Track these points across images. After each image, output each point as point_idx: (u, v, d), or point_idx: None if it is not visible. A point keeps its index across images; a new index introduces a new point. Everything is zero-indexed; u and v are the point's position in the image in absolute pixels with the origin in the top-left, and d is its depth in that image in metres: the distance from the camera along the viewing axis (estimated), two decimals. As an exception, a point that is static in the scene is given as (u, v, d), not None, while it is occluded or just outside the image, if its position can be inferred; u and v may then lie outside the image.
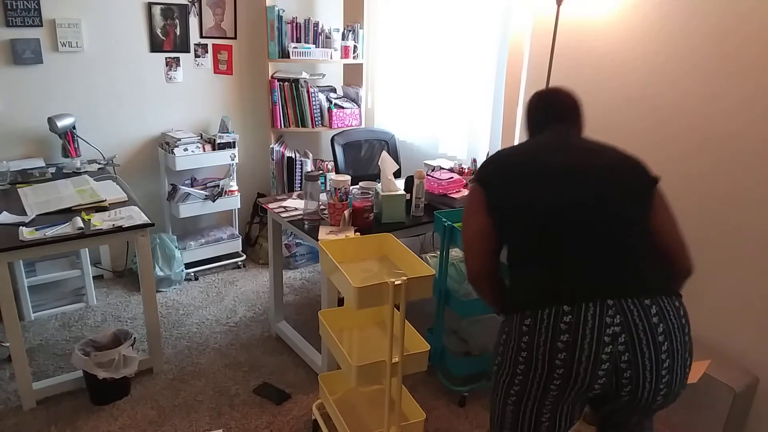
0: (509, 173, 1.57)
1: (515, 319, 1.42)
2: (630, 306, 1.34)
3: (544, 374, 1.37)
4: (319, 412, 2.35)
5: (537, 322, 1.37)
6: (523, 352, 1.39)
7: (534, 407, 1.44)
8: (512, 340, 1.42)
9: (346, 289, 1.87)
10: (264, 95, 3.89)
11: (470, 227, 1.59)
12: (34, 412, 2.43)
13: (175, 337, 3.02)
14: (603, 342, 1.32)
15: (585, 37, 2.70)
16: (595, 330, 1.32)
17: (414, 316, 2.94)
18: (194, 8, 3.57)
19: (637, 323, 1.33)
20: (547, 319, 1.35)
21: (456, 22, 3.33)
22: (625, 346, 1.33)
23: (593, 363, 1.33)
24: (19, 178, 2.92)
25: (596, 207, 1.45)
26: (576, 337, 1.33)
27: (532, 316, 1.38)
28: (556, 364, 1.35)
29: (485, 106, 3.28)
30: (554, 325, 1.34)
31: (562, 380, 1.36)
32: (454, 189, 2.80)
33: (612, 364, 1.34)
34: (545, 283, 1.41)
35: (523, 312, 1.40)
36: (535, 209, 1.47)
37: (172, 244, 3.51)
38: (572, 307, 1.34)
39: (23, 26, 3.05)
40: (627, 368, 1.34)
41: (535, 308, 1.38)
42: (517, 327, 1.41)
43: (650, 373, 1.35)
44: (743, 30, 2.12)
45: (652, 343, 1.34)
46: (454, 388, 2.61)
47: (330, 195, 2.49)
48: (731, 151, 2.21)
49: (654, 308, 1.35)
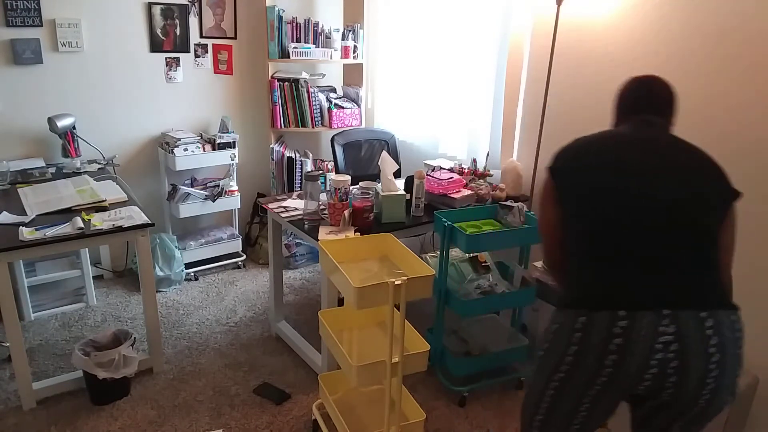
0: (581, 164, 1.52)
1: (570, 315, 1.42)
2: (685, 317, 1.34)
3: (590, 372, 1.39)
4: (319, 412, 2.35)
5: (592, 322, 1.37)
6: (573, 347, 1.40)
7: (574, 397, 1.46)
8: (564, 334, 1.43)
9: (346, 289, 1.87)
10: (264, 95, 3.89)
11: (541, 217, 1.61)
12: (34, 412, 2.43)
13: (175, 337, 3.02)
14: (654, 349, 1.34)
15: (585, 37, 2.70)
16: (648, 337, 1.33)
17: (414, 316, 2.94)
18: (194, 8, 3.57)
19: (690, 335, 1.34)
20: (602, 322, 1.36)
21: (456, 22, 3.33)
22: (675, 354, 1.34)
23: (641, 367, 1.35)
24: (19, 178, 2.92)
25: (671, 211, 1.41)
26: (628, 341, 1.34)
27: (588, 315, 1.38)
28: (605, 365, 1.37)
29: (485, 106, 3.28)
30: (608, 328, 1.35)
31: (607, 379, 1.38)
32: (454, 189, 2.80)
33: (660, 369, 1.35)
34: (603, 285, 1.41)
35: (578, 309, 1.40)
36: (606, 205, 1.44)
37: (172, 244, 3.51)
38: (628, 312, 1.35)
39: (23, 26, 3.05)
40: (673, 374, 1.36)
41: (591, 308, 1.38)
42: (571, 323, 1.41)
43: (696, 380, 1.36)
44: (744, 30, 2.12)
45: (703, 354, 1.34)
46: (454, 388, 2.61)
47: (330, 195, 2.49)
48: (731, 151, 2.21)
49: (710, 321, 1.35)
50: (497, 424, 2.47)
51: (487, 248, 2.55)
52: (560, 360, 1.44)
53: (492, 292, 2.57)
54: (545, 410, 1.53)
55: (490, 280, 2.61)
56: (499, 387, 2.71)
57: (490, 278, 2.63)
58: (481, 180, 3.02)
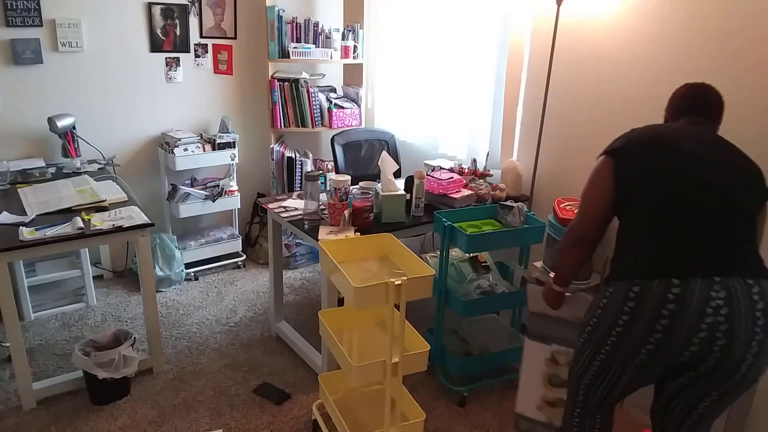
0: (641, 148, 1.63)
1: (622, 286, 1.53)
2: (734, 284, 1.46)
3: (640, 339, 1.50)
4: (319, 412, 2.35)
5: (645, 289, 1.48)
6: (625, 316, 1.51)
7: (618, 367, 1.58)
8: (615, 304, 1.54)
9: (346, 289, 1.87)
10: (264, 95, 3.89)
11: (592, 193, 1.69)
12: (34, 412, 2.43)
13: (175, 337, 3.02)
14: (705, 313, 1.45)
15: (585, 37, 2.70)
16: (701, 302, 1.44)
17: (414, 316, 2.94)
18: (194, 8, 3.57)
19: (739, 298, 1.45)
20: (656, 289, 1.47)
21: (456, 22, 3.33)
22: (724, 318, 1.45)
23: (691, 332, 1.45)
24: (19, 178, 2.92)
25: (721, 194, 1.53)
26: (681, 307, 1.45)
27: (642, 284, 1.49)
28: (656, 329, 1.47)
29: (485, 106, 3.28)
30: (662, 295, 1.46)
31: (656, 345, 1.49)
32: (454, 189, 2.80)
33: (709, 333, 1.46)
34: (657, 256, 1.51)
35: (631, 280, 1.51)
36: (662, 184, 1.56)
37: (172, 244, 3.51)
38: (681, 280, 1.46)
39: (23, 26, 3.05)
40: (722, 337, 1.46)
41: (645, 278, 1.49)
42: (623, 293, 1.52)
43: (743, 342, 1.46)
44: (744, 31, 2.12)
45: (751, 317, 1.46)
46: (454, 388, 2.61)
47: (330, 195, 2.49)
48: (731, 151, 2.21)
49: (756, 288, 1.47)
50: (497, 424, 2.47)
51: (487, 248, 2.55)
52: (608, 333, 1.56)
53: (492, 292, 2.57)
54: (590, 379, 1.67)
55: (490, 280, 2.61)
56: (499, 387, 2.71)
57: (490, 278, 2.63)
58: (481, 180, 3.02)
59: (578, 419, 1.77)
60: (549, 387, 2.25)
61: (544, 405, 2.27)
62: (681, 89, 1.82)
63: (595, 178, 1.69)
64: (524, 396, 2.28)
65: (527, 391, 2.27)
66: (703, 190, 1.54)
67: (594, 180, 1.69)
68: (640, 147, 1.64)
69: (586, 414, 1.75)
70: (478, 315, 2.85)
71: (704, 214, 1.53)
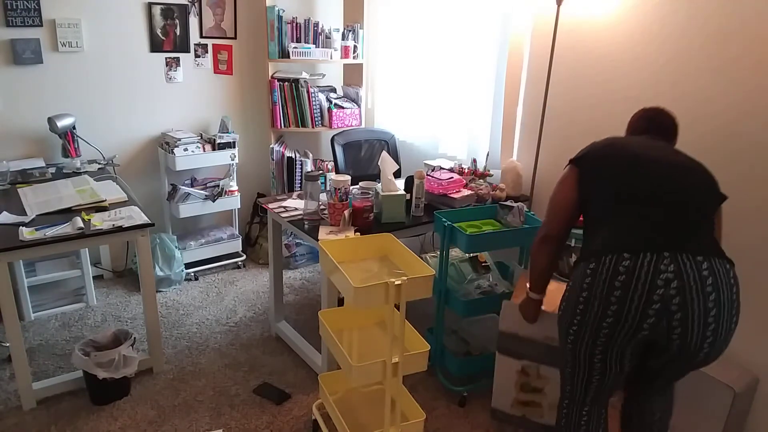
0: (601, 153, 1.80)
1: (581, 267, 1.66)
2: (684, 259, 1.55)
3: (599, 312, 1.60)
4: (319, 412, 2.35)
5: (599, 265, 1.60)
6: (584, 293, 1.63)
7: (587, 347, 1.67)
8: (576, 286, 1.66)
9: (346, 289, 1.87)
10: (264, 95, 3.89)
11: (560, 195, 1.84)
12: (34, 412, 2.43)
13: (175, 337, 3.02)
14: (656, 285, 1.53)
15: (585, 37, 2.70)
16: (649, 273, 1.54)
17: (414, 316, 2.94)
18: (194, 8, 3.57)
19: (688, 273, 1.54)
20: (608, 263, 1.58)
21: (456, 22, 3.33)
22: (676, 291, 1.53)
23: (645, 302, 1.54)
24: (19, 178, 2.92)
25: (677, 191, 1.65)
26: (631, 278, 1.55)
27: (596, 261, 1.61)
28: (611, 301, 1.57)
29: (485, 106, 3.28)
30: (614, 268, 1.57)
31: (614, 317, 1.58)
32: (454, 189, 2.80)
33: (663, 305, 1.54)
34: (612, 238, 1.63)
35: (587, 260, 1.64)
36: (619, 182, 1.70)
37: (172, 244, 3.51)
38: (631, 254, 1.56)
39: (23, 26, 3.05)
40: (677, 311, 1.54)
41: (599, 256, 1.61)
42: (581, 273, 1.65)
43: (698, 317, 1.54)
44: (744, 31, 2.12)
45: (701, 291, 1.54)
46: (454, 388, 2.61)
47: (330, 195, 2.49)
48: (731, 151, 2.21)
49: (705, 264, 1.55)
50: (497, 424, 2.47)
51: (487, 248, 2.55)
52: (573, 312, 1.67)
53: (492, 292, 2.57)
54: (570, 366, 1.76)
55: (490, 280, 2.61)
56: (499, 387, 2.71)
57: (490, 278, 2.63)
58: (481, 180, 3.02)
59: (566, 410, 1.86)
60: (521, 392, 2.35)
61: (516, 404, 2.38)
62: (638, 113, 1.99)
63: (562, 184, 1.85)
64: (498, 396, 2.39)
65: (501, 392, 2.38)
66: (660, 187, 1.65)
67: (560, 185, 1.85)
68: (600, 153, 1.80)
69: (573, 407, 1.84)
70: (478, 315, 2.85)
71: (661, 207, 1.64)
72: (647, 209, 1.64)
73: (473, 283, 2.58)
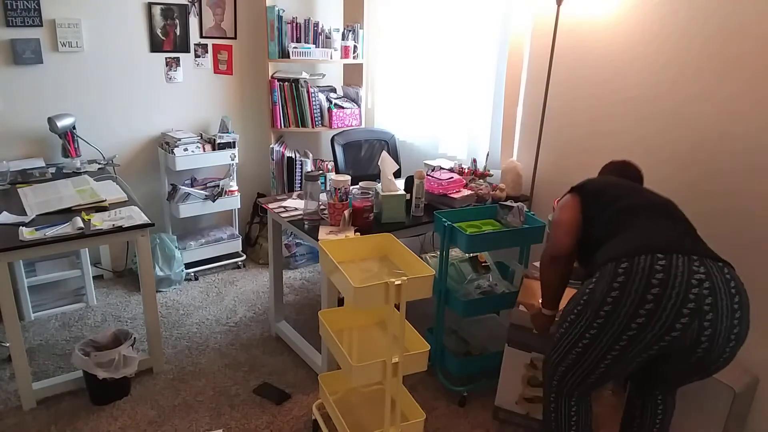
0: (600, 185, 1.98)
1: (609, 267, 1.64)
2: (710, 263, 1.60)
3: (630, 311, 1.58)
4: (319, 412, 2.35)
5: (633, 265, 1.60)
6: (614, 292, 1.61)
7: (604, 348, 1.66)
8: (604, 284, 1.64)
9: (346, 289, 1.87)
10: (264, 95, 3.89)
11: (565, 216, 1.93)
12: (34, 412, 2.43)
13: (175, 337, 3.02)
14: (691, 284, 1.55)
15: (585, 37, 2.70)
16: (684, 273, 1.56)
17: (414, 316, 2.94)
18: (194, 8, 3.56)
19: (716, 275, 1.58)
20: (643, 262, 1.59)
21: (456, 22, 3.33)
22: (708, 291, 1.55)
23: (681, 301, 1.54)
24: (19, 178, 2.92)
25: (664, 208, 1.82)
26: (668, 276, 1.55)
27: (629, 261, 1.61)
28: (647, 299, 1.56)
29: (485, 106, 3.28)
30: (650, 267, 1.57)
31: (646, 318, 1.56)
32: (454, 189, 2.80)
33: (697, 305, 1.54)
34: (639, 239, 1.66)
35: (618, 260, 1.63)
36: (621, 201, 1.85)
37: (172, 244, 3.51)
38: (665, 255, 1.58)
39: (23, 26, 3.05)
40: (709, 311, 1.55)
41: (632, 255, 1.61)
42: (612, 272, 1.63)
43: (727, 319, 1.56)
44: (744, 31, 2.12)
45: (728, 293, 1.57)
46: (454, 388, 2.61)
47: (330, 195, 2.49)
48: (731, 151, 2.21)
49: (726, 269, 1.61)
50: (497, 424, 2.47)
51: (487, 248, 2.55)
52: (599, 309, 1.64)
53: (492, 292, 2.57)
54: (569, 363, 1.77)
55: (490, 280, 2.61)
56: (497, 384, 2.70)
57: (490, 278, 2.63)
58: (481, 180, 3.02)
59: (554, 404, 1.90)
60: (528, 386, 2.38)
61: (521, 400, 2.40)
62: (608, 165, 2.23)
63: (564, 208, 1.96)
64: (503, 392, 2.42)
65: (506, 388, 2.41)
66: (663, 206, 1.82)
67: (563, 210, 1.96)
68: (598, 183, 1.98)
69: (561, 399, 1.88)
70: (478, 315, 2.85)
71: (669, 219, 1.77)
72: (659, 219, 1.74)
73: (473, 283, 2.58)
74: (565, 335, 1.77)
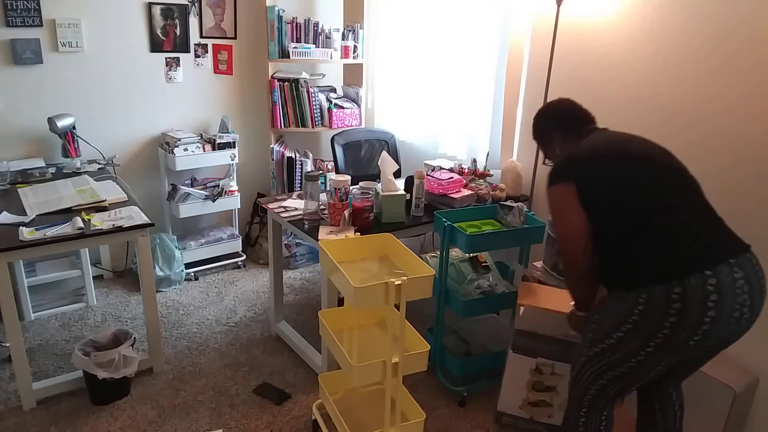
0: (594, 163, 1.67)
1: (660, 290, 1.53)
2: (744, 261, 1.56)
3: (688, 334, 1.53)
4: (319, 412, 2.35)
5: (686, 289, 1.51)
6: (672, 318, 1.53)
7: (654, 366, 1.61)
8: (657, 309, 1.54)
9: (346, 289, 1.87)
10: (264, 95, 3.89)
11: (569, 225, 1.65)
12: (34, 412, 2.43)
13: (175, 337, 3.02)
14: (736, 293, 1.52)
15: (585, 38, 2.70)
16: (731, 284, 1.52)
17: (414, 316, 2.94)
18: (194, 8, 3.56)
19: (751, 272, 1.56)
20: (695, 283, 1.51)
21: (456, 22, 3.33)
22: (747, 294, 1.54)
23: (729, 312, 1.52)
24: (19, 178, 2.92)
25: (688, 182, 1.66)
26: (720, 295, 1.51)
27: (681, 285, 1.51)
28: (704, 321, 1.51)
29: (485, 106, 3.28)
30: (703, 289, 1.50)
31: (701, 336, 1.53)
32: (454, 189, 2.80)
33: (740, 311, 1.54)
34: (677, 253, 1.55)
35: (668, 283, 1.52)
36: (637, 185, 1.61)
37: (172, 244, 3.51)
38: (712, 270, 1.51)
39: (23, 26, 3.05)
40: (747, 311, 1.55)
41: (681, 277, 1.52)
42: (665, 298, 1.52)
43: (758, 310, 1.58)
44: (744, 31, 2.12)
45: (759, 285, 1.57)
46: (454, 388, 2.61)
47: (330, 195, 2.49)
48: (730, 151, 2.21)
49: (753, 259, 1.59)
50: (498, 427, 2.47)
51: (487, 248, 2.55)
52: (654, 333, 1.55)
53: (492, 292, 2.57)
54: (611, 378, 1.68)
55: (490, 280, 2.61)
56: (499, 387, 2.70)
57: (490, 278, 2.63)
58: (481, 180, 3.02)
59: (584, 419, 1.80)
60: (532, 392, 2.34)
61: (526, 405, 2.37)
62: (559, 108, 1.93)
63: (565, 208, 1.66)
64: (507, 397, 2.39)
65: (510, 393, 2.38)
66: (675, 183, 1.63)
67: (564, 210, 1.66)
68: (593, 165, 1.66)
69: (593, 413, 1.78)
70: (478, 315, 2.85)
71: (688, 201, 1.62)
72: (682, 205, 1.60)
73: (473, 283, 2.58)
74: (609, 352, 1.65)
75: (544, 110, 1.99)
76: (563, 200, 1.66)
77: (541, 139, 2.02)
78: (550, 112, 1.96)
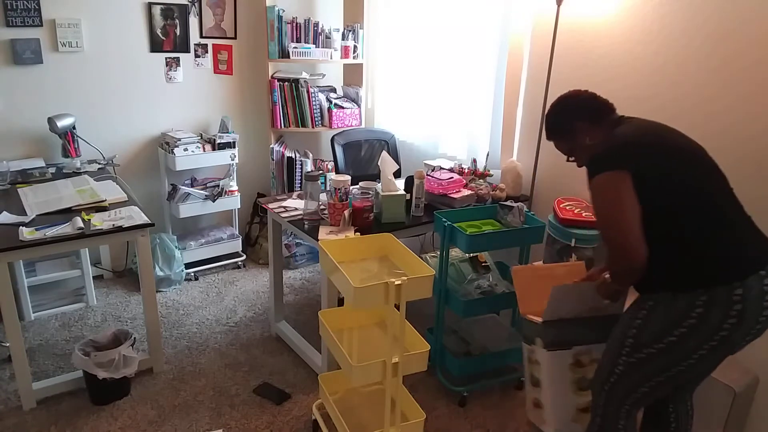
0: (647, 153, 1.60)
1: (720, 292, 1.52)
2: None
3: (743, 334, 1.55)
4: (319, 412, 2.35)
5: (747, 290, 1.51)
6: (732, 319, 1.52)
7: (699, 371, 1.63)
8: (716, 314, 1.52)
9: (346, 289, 1.87)
10: (264, 95, 3.89)
11: (625, 213, 1.52)
12: (34, 412, 2.43)
13: (175, 337, 3.02)
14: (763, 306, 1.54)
15: (585, 38, 2.70)
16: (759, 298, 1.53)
17: (414, 316, 2.94)
18: (194, 8, 3.56)
19: None
20: (752, 284, 1.51)
21: (456, 22, 3.33)
22: None
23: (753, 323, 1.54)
24: (19, 178, 2.92)
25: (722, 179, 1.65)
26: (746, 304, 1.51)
27: (743, 287, 1.51)
28: (759, 321, 1.54)
29: (485, 106, 3.28)
30: (760, 289, 1.52)
31: (753, 335, 1.57)
32: (454, 189, 2.80)
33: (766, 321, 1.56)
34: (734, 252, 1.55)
35: (729, 284, 1.51)
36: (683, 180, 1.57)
37: (172, 244, 3.51)
38: (765, 271, 1.54)
39: (23, 26, 3.05)
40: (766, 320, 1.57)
41: (740, 278, 1.52)
42: (727, 300, 1.51)
43: None
44: (744, 31, 2.12)
45: None
46: (454, 388, 2.61)
47: (330, 195, 2.50)
48: (730, 151, 2.21)
49: None
50: (497, 424, 2.47)
51: (487, 248, 2.55)
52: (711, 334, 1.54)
53: (492, 292, 2.57)
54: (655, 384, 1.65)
55: (490, 280, 2.61)
56: (499, 387, 2.71)
57: (490, 278, 2.63)
58: (481, 180, 3.02)
59: (624, 422, 1.74)
60: (578, 393, 2.02)
61: (577, 414, 2.03)
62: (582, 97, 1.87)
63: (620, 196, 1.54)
64: (556, 413, 2.01)
65: (559, 407, 2.01)
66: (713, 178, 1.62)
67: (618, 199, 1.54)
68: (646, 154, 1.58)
69: (630, 417, 1.76)
70: (478, 315, 2.85)
71: (731, 200, 1.61)
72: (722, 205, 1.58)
73: (473, 283, 2.58)
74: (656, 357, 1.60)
75: (566, 102, 1.89)
76: (617, 188, 1.54)
77: (564, 133, 1.88)
78: (573, 103, 1.87)
